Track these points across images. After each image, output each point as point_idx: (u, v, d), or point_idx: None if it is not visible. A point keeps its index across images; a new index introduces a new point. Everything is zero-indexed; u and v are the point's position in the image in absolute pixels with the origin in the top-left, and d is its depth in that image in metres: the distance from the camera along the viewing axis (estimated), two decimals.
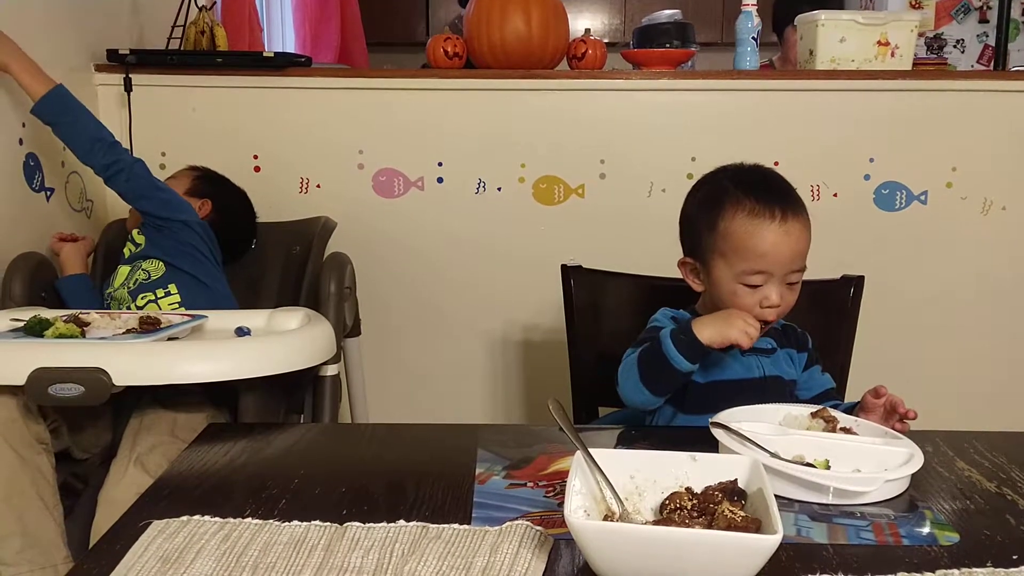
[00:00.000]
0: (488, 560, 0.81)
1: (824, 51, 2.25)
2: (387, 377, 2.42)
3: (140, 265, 1.86)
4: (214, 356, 1.46)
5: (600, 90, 2.28)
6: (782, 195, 1.28)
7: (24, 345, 1.42)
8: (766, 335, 1.34)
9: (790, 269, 1.26)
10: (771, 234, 1.24)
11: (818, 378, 1.39)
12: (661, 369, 1.21)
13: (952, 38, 4.45)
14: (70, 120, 1.82)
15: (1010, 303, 2.36)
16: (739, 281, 1.26)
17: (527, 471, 1.04)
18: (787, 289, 1.27)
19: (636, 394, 1.25)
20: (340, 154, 2.31)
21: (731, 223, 1.26)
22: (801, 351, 1.38)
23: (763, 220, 1.24)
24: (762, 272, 1.25)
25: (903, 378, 1.49)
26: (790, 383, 1.35)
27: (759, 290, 1.26)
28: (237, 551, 0.83)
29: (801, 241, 1.26)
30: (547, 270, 1.81)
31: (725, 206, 1.28)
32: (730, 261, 1.27)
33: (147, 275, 1.84)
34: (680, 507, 0.84)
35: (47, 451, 1.47)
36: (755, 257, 1.24)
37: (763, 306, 1.26)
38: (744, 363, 1.32)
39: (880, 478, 0.96)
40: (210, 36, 2.34)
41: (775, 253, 1.24)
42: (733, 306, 1.27)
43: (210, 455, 1.08)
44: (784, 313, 1.29)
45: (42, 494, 1.43)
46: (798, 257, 1.26)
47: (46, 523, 1.42)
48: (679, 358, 1.20)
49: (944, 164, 2.29)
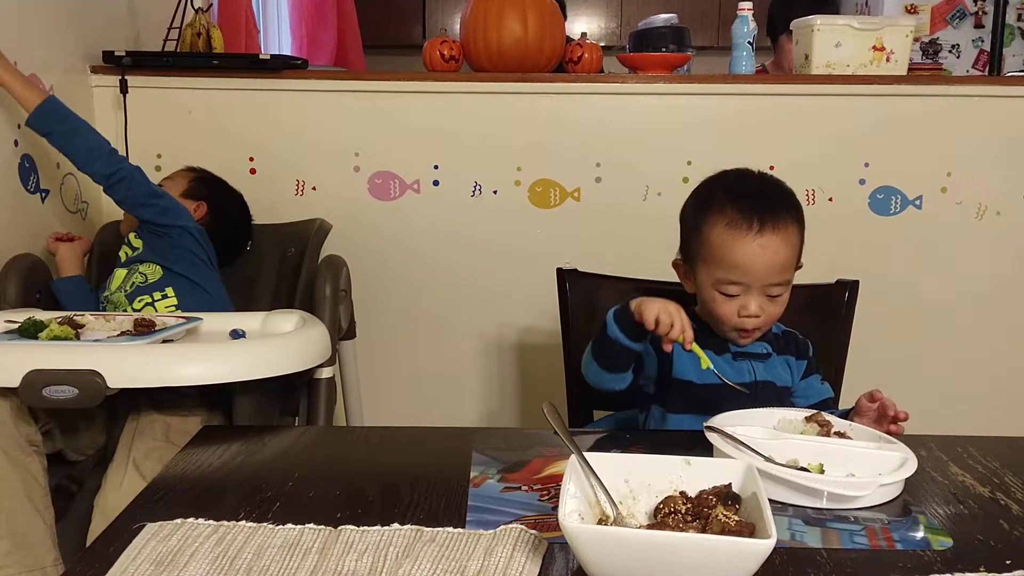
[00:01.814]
0: (482, 563, 0.81)
1: (820, 56, 2.25)
2: (382, 380, 2.42)
3: (137, 268, 1.86)
4: (209, 359, 1.46)
5: (596, 94, 2.28)
6: (767, 206, 1.27)
7: (18, 347, 1.42)
8: (763, 340, 1.34)
9: (767, 282, 1.25)
10: (746, 247, 1.24)
11: (817, 387, 1.38)
12: (604, 341, 1.23)
13: (947, 43, 4.47)
14: (65, 130, 1.82)
15: (1004, 308, 2.36)
16: (716, 289, 1.27)
17: (522, 474, 1.04)
18: (767, 300, 1.27)
19: (588, 367, 1.28)
20: (336, 156, 2.31)
21: (711, 230, 1.27)
22: (800, 358, 1.38)
23: (739, 232, 1.25)
24: (737, 283, 1.25)
25: (897, 382, 1.49)
26: (783, 390, 1.34)
27: (736, 299, 1.26)
28: (231, 554, 0.83)
29: (779, 255, 1.25)
30: (543, 273, 1.81)
31: (709, 212, 1.29)
32: (709, 268, 1.28)
33: (144, 278, 1.84)
34: (674, 511, 0.84)
35: (38, 453, 1.47)
36: (729, 267, 1.25)
37: (741, 315, 1.26)
38: (736, 367, 1.32)
39: (874, 482, 0.96)
40: (206, 38, 2.34)
41: (749, 266, 1.24)
42: (713, 312, 1.29)
43: (204, 458, 1.08)
44: (766, 324, 1.29)
45: (32, 496, 1.42)
46: (775, 271, 1.25)
47: (36, 525, 1.41)
48: (613, 326, 1.21)
49: (939, 169, 2.30)
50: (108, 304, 1.85)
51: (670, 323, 1.15)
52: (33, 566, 1.39)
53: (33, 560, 1.39)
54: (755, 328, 1.28)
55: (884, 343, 2.30)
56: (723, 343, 1.33)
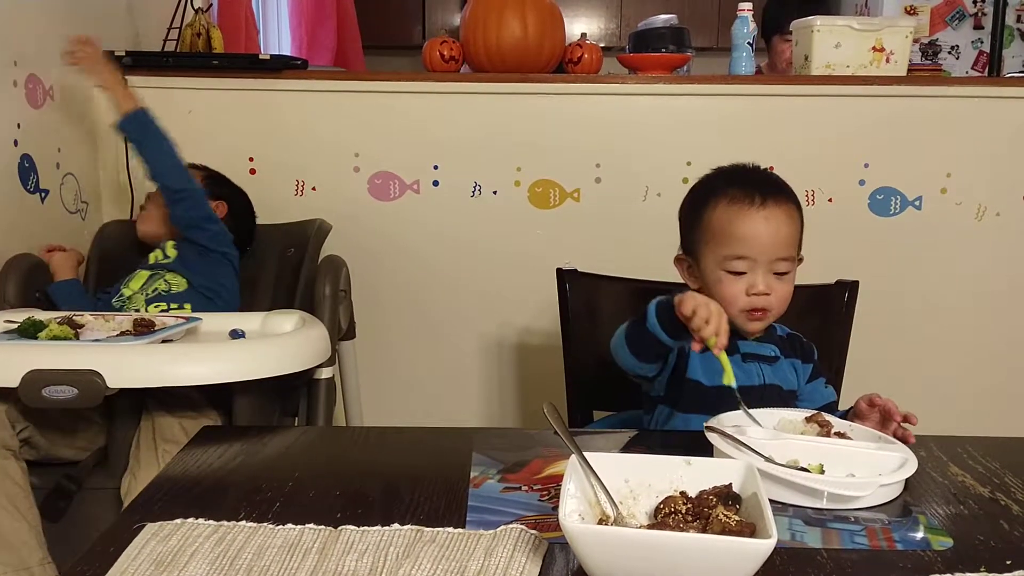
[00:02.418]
0: (483, 564, 0.81)
1: (819, 56, 2.25)
2: (382, 380, 2.42)
3: (163, 275, 1.88)
4: (209, 359, 1.46)
5: (596, 94, 2.28)
6: (765, 184, 1.29)
7: (18, 347, 1.42)
8: (770, 342, 1.33)
9: (774, 256, 1.25)
10: (750, 219, 1.25)
11: (821, 391, 1.37)
12: (641, 331, 1.19)
13: (947, 44, 4.47)
14: (152, 141, 1.89)
15: (1004, 308, 2.36)
16: (723, 268, 1.27)
17: (522, 475, 1.03)
18: (775, 279, 1.26)
19: (619, 349, 1.24)
20: (336, 157, 2.31)
21: (713, 212, 1.28)
22: (806, 362, 1.37)
23: (742, 206, 1.26)
24: (744, 258, 1.25)
25: (897, 383, 1.49)
26: (789, 393, 1.34)
27: (743, 278, 1.26)
28: (231, 554, 0.83)
29: (784, 227, 1.26)
30: (542, 273, 1.81)
31: (709, 199, 1.30)
32: (714, 249, 1.28)
33: (168, 287, 1.86)
34: (675, 511, 0.84)
35: (15, 457, 1.47)
36: (735, 242, 1.25)
37: (749, 294, 1.25)
38: (745, 369, 1.30)
39: (875, 483, 0.96)
40: (206, 38, 2.34)
41: (755, 237, 1.25)
42: (719, 295, 1.26)
43: (204, 458, 1.08)
44: (775, 307, 1.27)
45: (12, 498, 1.43)
46: (781, 245, 1.26)
47: (18, 527, 1.42)
48: (653, 318, 1.17)
49: (939, 170, 2.30)
50: (126, 303, 1.86)
51: (706, 319, 1.09)
52: (18, 567, 1.39)
53: (18, 561, 1.40)
54: (764, 308, 1.26)
55: (884, 344, 2.30)
56: (732, 343, 1.29)
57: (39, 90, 2.02)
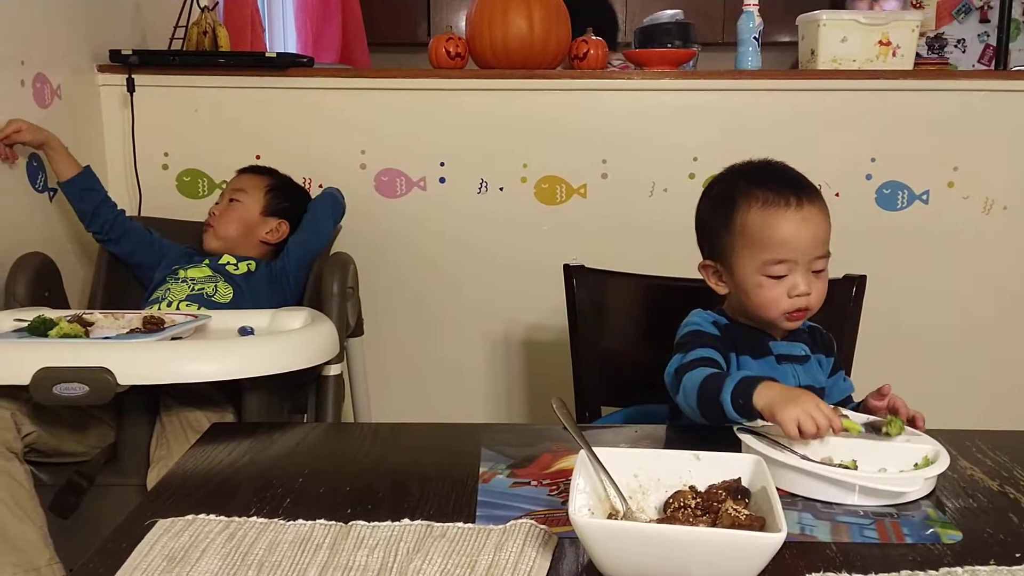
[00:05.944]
0: (493, 558, 0.81)
1: (826, 51, 2.25)
2: (390, 377, 2.43)
3: (218, 279, 1.89)
4: (218, 355, 1.47)
5: (602, 90, 2.28)
6: (794, 183, 1.25)
7: (28, 345, 1.42)
8: (798, 340, 1.31)
9: (813, 255, 1.22)
10: (788, 222, 1.21)
11: (841, 384, 1.35)
12: (722, 417, 1.12)
13: (953, 38, 4.46)
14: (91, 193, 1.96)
15: (1011, 302, 2.36)
16: (762, 273, 1.23)
17: (531, 470, 1.04)
18: (814, 277, 1.23)
19: (695, 417, 1.18)
20: (342, 154, 2.31)
21: (747, 216, 1.24)
22: (829, 356, 1.35)
23: (778, 208, 1.22)
24: (784, 261, 1.22)
25: (905, 376, 1.48)
26: (820, 391, 1.30)
27: (784, 281, 1.22)
28: (243, 550, 0.83)
29: (821, 226, 1.23)
30: (549, 270, 1.81)
31: (739, 201, 1.25)
32: (751, 255, 1.23)
33: (214, 292, 1.87)
34: (684, 505, 0.84)
35: (18, 458, 1.47)
36: (775, 246, 1.21)
37: (791, 295, 1.22)
38: (780, 371, 1.28)
39: (920, 476, 0.96)
40: (212, 36, 2.34)
41: (795, 240, 1.21)
42: (759, 300, 1.24)
43: (214, 454, 1.08)
44: (817, 304, 1.25)
45: (18, 499, 1.43)
46: (819, 243, 1.23)
47: (25, 528, 1.42)
48: (735, 416, 1.10)
49: (945, 164, 2.30)
50: (173, 283, 1.88)
51: (815, 429, 1.02)
52: (28, 567, 1.40)
53: (26, 562, 1.40)
54: (807, 307, 1.24)
55: (892, 337, 2.30)
56: (764, 344, 1.28)
57: (46, 90, 2.03)
